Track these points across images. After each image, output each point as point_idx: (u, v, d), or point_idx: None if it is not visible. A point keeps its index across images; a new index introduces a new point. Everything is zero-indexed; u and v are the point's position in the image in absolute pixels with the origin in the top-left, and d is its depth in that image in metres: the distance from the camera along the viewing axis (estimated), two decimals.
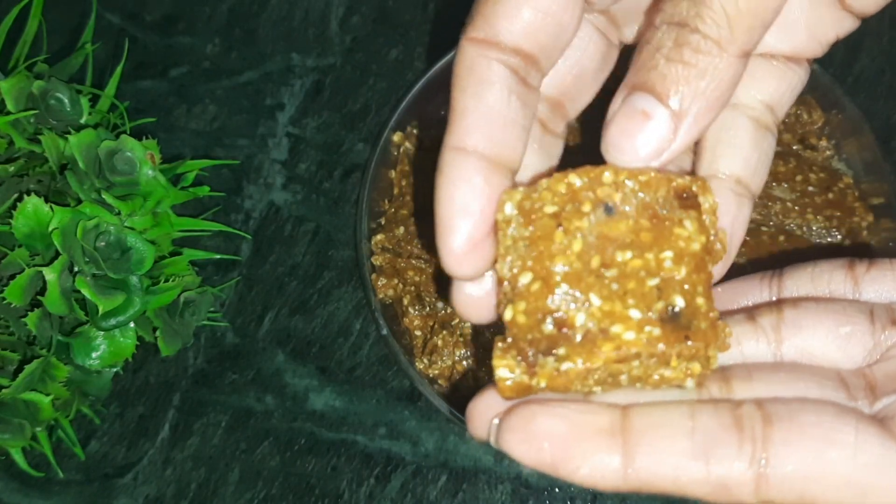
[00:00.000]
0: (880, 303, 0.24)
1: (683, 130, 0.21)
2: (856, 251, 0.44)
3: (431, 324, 0.43)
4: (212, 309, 0.47)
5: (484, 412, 0.23)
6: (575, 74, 0.26)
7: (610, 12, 0.26)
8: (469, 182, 0.22)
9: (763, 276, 0.27)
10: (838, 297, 0.25)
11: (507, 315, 0.22)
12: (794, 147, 0.46)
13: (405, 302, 0.43)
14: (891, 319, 0.23)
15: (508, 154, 0.23)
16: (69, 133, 0.40)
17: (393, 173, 0.47)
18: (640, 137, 0.21)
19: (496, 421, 0.22)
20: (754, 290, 0.26)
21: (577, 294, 0.21)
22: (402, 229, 0.45)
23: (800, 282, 0.26)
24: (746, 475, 0.20)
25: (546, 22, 0.22)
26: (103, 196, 0.40)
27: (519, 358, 0.21)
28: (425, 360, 0.42)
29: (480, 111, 0.22)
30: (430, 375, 0.42)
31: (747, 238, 0.42)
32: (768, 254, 0.43)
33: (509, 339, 0.22)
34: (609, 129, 0.22)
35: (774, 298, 0.26)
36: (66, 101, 0.42)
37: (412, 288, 0.44)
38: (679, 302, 0.21)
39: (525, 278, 0.22)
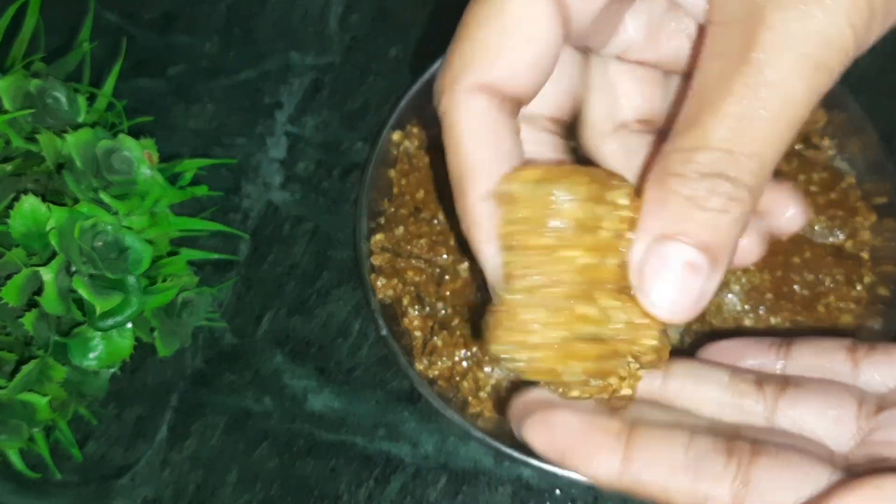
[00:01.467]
0: (872, 391, 0.26)
1: (718, 278, 0.21)
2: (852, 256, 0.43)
3: (431, 324, 0.43)
4: (210, 309, 0.46)
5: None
6: (566, 93, 0.27)
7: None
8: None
9: (773, 342, 0.29)
10: (838, 373, 0.27)
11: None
12: (797, 147, 0.46)
13: (405, 302, 0.43)
14: (877, 407, 0.25)
15: None
16: (66, 132, 0.40)
17: (392, 172, 0.47)
18: (691, 290, 0.21)
19: (520, 408, 0.25)
20: (763, 352, 0.29)
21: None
22: (401, 229, 0.45)
23: (805, 354, 0.28)
24: (726, 496, 0.22)
25: (533, 70, 0.24)
26: (101, 195, 0.40)
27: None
28: (425, 361, 0.42)
29: (499, 162, 0.24)
30: (430, 376, 0.41)
31: None
32: (770, 254, 0.43)
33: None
34: (652, 283, 0.21)
35: (781, 363, 0.29)
36: (63, 99, 0.42)
37: (412, 288, 0.43)
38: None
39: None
